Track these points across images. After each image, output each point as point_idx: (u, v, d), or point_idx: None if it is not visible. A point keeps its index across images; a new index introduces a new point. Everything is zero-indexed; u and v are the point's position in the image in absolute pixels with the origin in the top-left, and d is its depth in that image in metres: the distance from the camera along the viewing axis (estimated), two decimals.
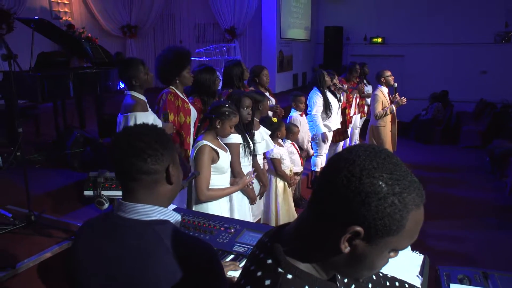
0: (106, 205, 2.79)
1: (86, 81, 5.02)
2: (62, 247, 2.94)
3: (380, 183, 0.72)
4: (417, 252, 1.78)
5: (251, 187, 2.96)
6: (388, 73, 5.23)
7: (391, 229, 0.72)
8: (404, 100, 5.22)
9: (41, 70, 4.93)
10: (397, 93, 5.26)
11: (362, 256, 0.76)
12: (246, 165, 2.98)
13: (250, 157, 2.99)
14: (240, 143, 2.86)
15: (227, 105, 2.56)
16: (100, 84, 5.10)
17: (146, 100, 2.83)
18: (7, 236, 2.99)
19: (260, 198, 3.53)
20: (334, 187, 0.74)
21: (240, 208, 2.94)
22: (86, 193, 3.45)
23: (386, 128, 5.31)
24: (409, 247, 1.63)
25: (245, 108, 2.90)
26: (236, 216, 2.87)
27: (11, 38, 6.88)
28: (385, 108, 5.19)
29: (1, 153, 4.43)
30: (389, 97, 5.30)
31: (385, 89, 5.25)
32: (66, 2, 9.49)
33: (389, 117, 5.30)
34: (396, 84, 5.23)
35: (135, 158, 1.11)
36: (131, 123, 2.66)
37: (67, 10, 9.50)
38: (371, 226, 0.72)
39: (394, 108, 5.22)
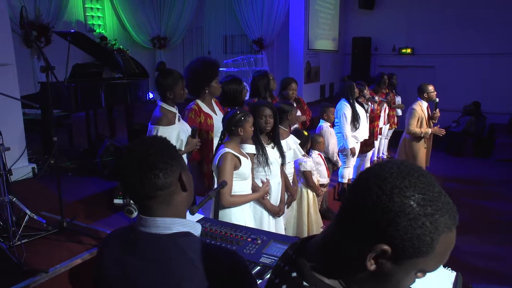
0: (135, 214, 2.84)
1: (117, 92, 5.17)
2: (92, 253, 3.00)
3: (412, 203, 0.69)
4: (449, 268, 1.73)
5: (267, 197, 2.94)
6: (431, 88, 5.01)
7: (420, 250, 0.70)
8: (438, 114, 5.08)
9: (75, 81, 5.12)
10: (438, 109, 5.06)
11: (388, 275, 0.74)
12: (262, 175, 2.96)
13: (266, 168, 2.96)
14: (254, 153, 2.87)
15: (237, 112, 2.62)
16: (130, 94, 5.23)
17: (176, 111, 2.85)
18: (41, 242, 3.09)
19: (287, 207, 3.50)
20: (363, 203, 0.72)
21: (256, 216, 2.92)
22: (116, 201, 3.53)
23: (420, 143, 5.10)
24: None
25: (262, 118, 2.88)
26: (250, 223, 2.87)
27: (48, 51, 7.18)
28: (421, 132, 4.99)
29: (36, 161, 4.60)
30: (428, 112, 5.10)
31: (424, 104, 5.04)
32: (100, 15, 9.83)
33: None
34: (437, 100, 5.01)
35: (148, 175, 1.07)
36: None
37: (100, 23, 9.84)
38: (399, 246, 0.70)
39: (429, 132, 5.02)
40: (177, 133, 2.79)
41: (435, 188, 0.73)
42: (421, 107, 5.03)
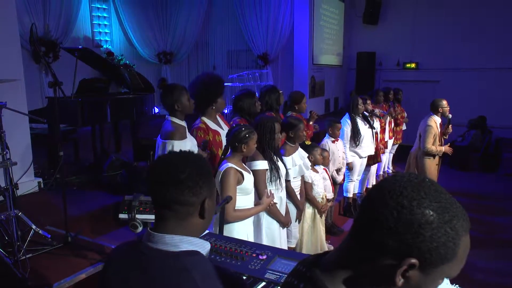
0: (140, 229, 2.85)
1: (123, 106, 5.20)
2: (96, 268, 2.99)
3: (431, 212, 0.71)
4: (457, 286, 1.70)
5: (273, 206, 2.93)
6: (445, 103, 4.93)
7: (445, 257, 0.72)
8: (450, 130, 5.02)
9: (82, 96, 5.17)
10: (450, 125, 5.00)
11: (417, 286, 0.75)
12: (273, 190, 2.96)
13: (277, 183, 2.97)
14: (266, 169, 2.88)
15: (243, 128, 2.63)
16: (136, 109, 5.27)
17: (186, 126, 2.86)
18: (46, 256, 3.08)
19: (296, 221, 3.50)
20: (383, 220, 0.73)
21: (269, 232, 2.92)
22: (121, 216, 3.52)
23: (433, 161, 4.99)
24: (448, 281, 1.56)
25: (277, 134, 2.96)
26: (264, 239, 2.87)
27: (56, 66, 7.29)
28: (437, 150, 4.89)
29: (42, 175, 4.62)
30: (440, 128, 5.02)
31: (438, 119, 4.94)
32: (107, 31, 9.98)
33: None
34: (450, 116, 4.93)
35: (173, 188, 1.09)
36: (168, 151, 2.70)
37: (107, 39, 9.98)
38: (426, 256, 0.71)
39: (443, 151, 4.92)
40: (190, 146, 2.81)
41: (446, 194, 0.75)
42: (436, 123, 4.91)
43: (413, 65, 10.70)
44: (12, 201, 2.94)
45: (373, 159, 5.62)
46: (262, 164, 2.84)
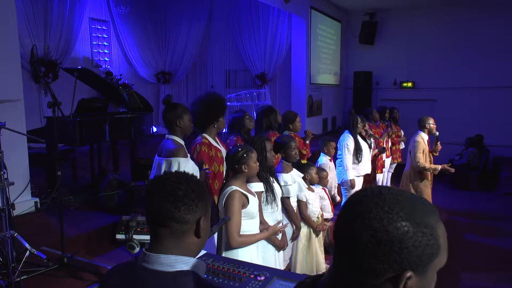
0: (137, 249, 2.81)
1: (121, 126, 5.21)
2: None
3: (403, 223, 0.72)
4: None
5: (279, 236, 2.90)
6: (432, 120, 5.03)
7: (432, 254, 0.74)
8: (440, 147, 5.10)
9: (81, 115, 5.19)
10: (439, 142, 5.06)
11: None
12: (269, 212, 2.92)
13: (273, 205, 2.93)
14: (262, 191, 2.81)
15: (239, 149, 2.59)
16: (134, 128, 5.28)
17: (184, 146, 2.88)
18: (41, 278, 3.04)
19: (292, 242, 3.46)
20: (364, 247, 0.73)
21: (265, 256, 2.87)
22: (118, 236, 3.49)
23: (428, 176, 5.04)
24: None
25: (270, 152, 2.94)
26: (260, 262, 2.83)
27: (55, 86, 7.33)
28: (431, 167, 4.92)
29: (39, 195, 4.59)
30: (428, 145, 5.09)
31: (425, 136, 5.02)
32: (106, 51, 10.08)
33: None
34: (437, 133, 5.02)
35: (170, 204, 1.10)
36: (175, 168, 2.69)
37: (107, 59, 10.07)
38: (417, 263, 0.73)
39: (439, 169, 4.94)
40: (192, 164, 2.81)
41: (404, 194, 0.77)
42: (423, 139, 5.00)
43: (409, 84, 10.81)
44: (8, 221, 2.92)
45: (370, 182, 5.58)
46: (257, 186, 2.76)
